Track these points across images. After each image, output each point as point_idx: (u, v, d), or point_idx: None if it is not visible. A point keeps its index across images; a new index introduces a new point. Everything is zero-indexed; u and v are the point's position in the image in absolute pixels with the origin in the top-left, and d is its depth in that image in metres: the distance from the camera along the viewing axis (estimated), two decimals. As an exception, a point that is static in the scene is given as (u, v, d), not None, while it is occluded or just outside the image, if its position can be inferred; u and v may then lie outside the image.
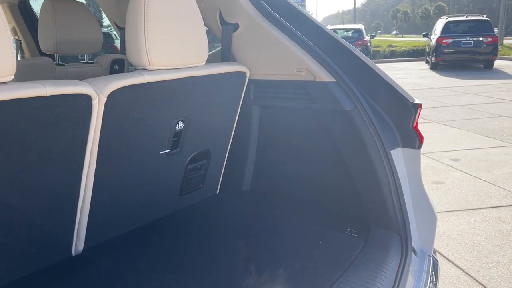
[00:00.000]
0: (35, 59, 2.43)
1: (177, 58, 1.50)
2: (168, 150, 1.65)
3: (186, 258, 1.52)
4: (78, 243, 1.51)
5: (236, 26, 1.84)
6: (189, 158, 1.80)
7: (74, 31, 2.24)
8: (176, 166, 1.76)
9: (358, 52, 1.76)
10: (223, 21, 1.87)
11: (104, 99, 1.30)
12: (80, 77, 2.33)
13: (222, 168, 2.04)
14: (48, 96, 1.15)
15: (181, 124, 1.65)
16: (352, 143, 1.67)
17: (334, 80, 1.67)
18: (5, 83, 1.09)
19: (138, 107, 1.43)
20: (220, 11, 1.86)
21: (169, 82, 1.49)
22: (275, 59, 1.78)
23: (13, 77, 1.09)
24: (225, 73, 1.71)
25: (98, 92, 1.28)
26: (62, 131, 1.24)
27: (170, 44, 1.45)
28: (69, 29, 2.23)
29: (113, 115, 1.36)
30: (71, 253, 1.50)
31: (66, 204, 1.39)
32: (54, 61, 2.38)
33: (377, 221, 1.67)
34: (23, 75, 2.16)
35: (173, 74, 1.49)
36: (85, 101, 1.24)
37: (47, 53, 2.37)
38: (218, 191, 2.08)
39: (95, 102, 1.27)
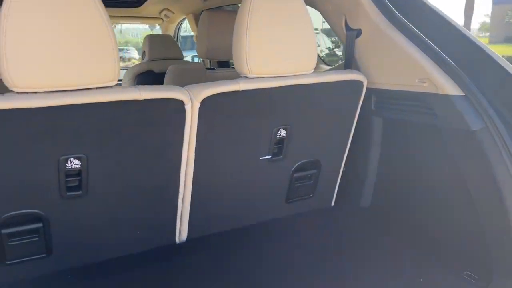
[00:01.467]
0: (189, 63, 2.73)
1: (279, 66, 1.48)
2: (270, 157, 1.64)
3: (282, 264, 1.52)
4: (182, 233, 1.65)
5: (359, 32, 1.72)
6: (295, 166, 1.75)
7: (221, 38, 2.44)
8: (280, 173, 1.73)
9: (502, 60, 1.45)
10: (347, 27, 1.78)
11: (198, 105, 1.37)
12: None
13: (337, 180, 1.94)
14: (143, 100, 1.28)
15: (283, 131, 1.61)
16: (478, 170, 1.39)
17: (462, 94, 1.41)
18: (111, 87, 1.28)
19: (234, 113, 1.46)
20: (345, 16, 1.78)
21: (267, 90, 1.47)
22: (396, 67, 1.61)
23: (116, 82, 1.28)
24: (336, 82, 1.62)
25: (192, 98, 1.37)
26: (158, 132, 1.38)
27: (271, 52, 1.44)
28: (218, 37, 2.44)
29: (208, 120, 1.42)
30: (175, 240, 1.66)
31: (168, 197, 1.54)
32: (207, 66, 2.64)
33: (503, 267, 1.35)
34: (179, 78, 2.46)
35: (273, 82, 1.47)
36: (178, 105, 1.35)
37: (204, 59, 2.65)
38: (333, 203, 1.99)
39: (187, 107, 1.36)
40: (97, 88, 1.26)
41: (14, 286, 1.38)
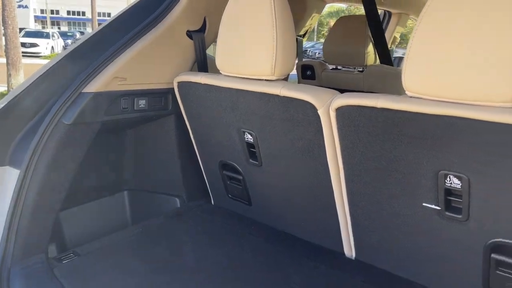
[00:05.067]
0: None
1: (444, 88, 1.09)
2: (438, 208, 1.23)
3: None
4: (352, 249, 1.55)
5: None
6: (490, 242, 1.18)
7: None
8: (460, 239, 1.23)
9: None
10: None
11: (333, 113, 1.29)
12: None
13: None
14: (282, 96, 1.39)
15: (457, 182, 1.16)
16: None
17: None
18: (268, 80, 1.45)
19: (374, 134, 1.25)
20: None
21: (419, 116, 1.13)
22: None
23: (274, 77, 1.42)
24: None
25: (328, 104, 1.31)
26: (297, 130, 1.42)
27: (438, 68, 1.08)
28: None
29: (349, 134, 1.30)
30: (343, 251, 1.57)
31: (325, 203, 1.50)
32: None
33: None
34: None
35: (430, 107, 1.10)
36: (311, 109, 1.33)
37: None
38: None
39: (321, 112, 1.32)
40: (260, 79, 1.46)
41: (232, 214, 1.89)
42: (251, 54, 1.45)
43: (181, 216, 1.86)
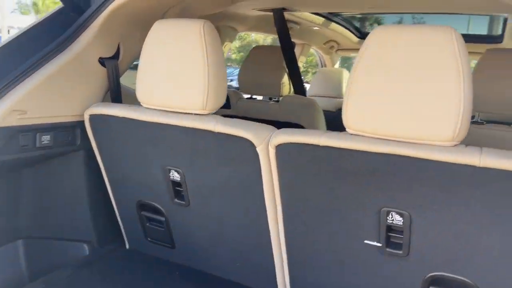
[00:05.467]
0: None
1: (385, 127, 1.10)
2: (379, 244, 1.22)
3: None
4: (283, 287, 1.47)
5: None
6: (428, 276, 1.20)
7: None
8: (400, 274, 1.24)
9: None
10: None
11: (272, 150, 1.23)
12: None
13: None
14: (217, 133, 1.29)
15: (399, 218, 1.17)
16: None
17: None
18: (199, 114, 1.35)
19: (316, 172, 1.22)
20: None
21: (361, 154, 1.12)
22: None
23: (207, 111, 1.34)
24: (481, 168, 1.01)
25: (266, 141, 1.25)
26: (234, 166, 1.33)
27: (378, 107, 1.10)
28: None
29: (289, 171, 1.25)
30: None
31: (260, 243, 1.43)
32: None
33: None
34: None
35: (372, 145, 1.11)
36: (249, 146, 1.26)
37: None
38: None
39: (259, 149, 1.25)
40: (189, 114, 1.36)
41: (152, 259, 1.72)
42: (180, 86, 1.35)
43: (92, 265, 1.64)
